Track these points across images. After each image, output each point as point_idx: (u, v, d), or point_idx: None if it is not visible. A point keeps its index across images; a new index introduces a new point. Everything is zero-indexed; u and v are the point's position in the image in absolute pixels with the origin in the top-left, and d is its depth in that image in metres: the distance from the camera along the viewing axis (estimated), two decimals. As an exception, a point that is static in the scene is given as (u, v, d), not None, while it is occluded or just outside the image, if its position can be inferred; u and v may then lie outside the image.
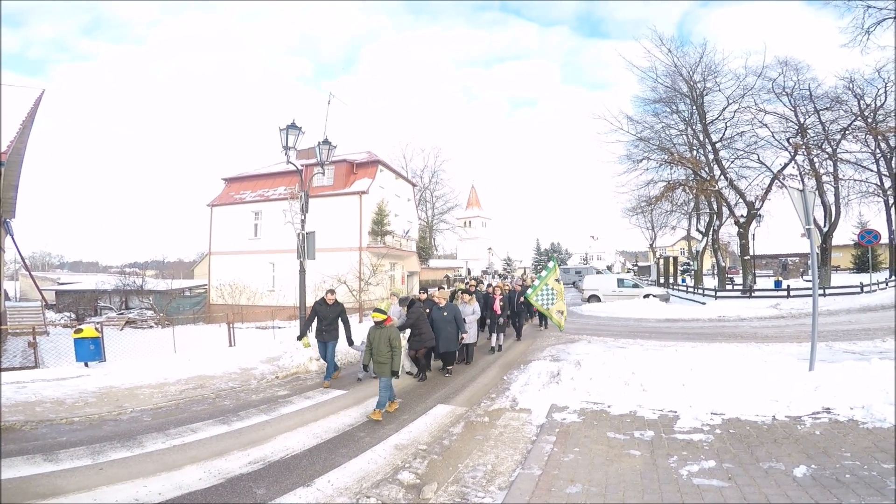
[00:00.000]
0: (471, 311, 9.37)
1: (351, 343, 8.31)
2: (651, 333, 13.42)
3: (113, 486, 3.98)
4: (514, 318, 12.76)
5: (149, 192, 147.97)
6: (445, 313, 8.46)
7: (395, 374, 5.97)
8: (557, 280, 12.66)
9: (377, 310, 6.29)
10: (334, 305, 8.32)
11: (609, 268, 63.23)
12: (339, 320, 8.27)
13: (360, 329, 9.16)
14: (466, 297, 9.63)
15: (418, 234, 36.63)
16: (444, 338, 8.37)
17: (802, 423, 4.80)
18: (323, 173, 13.28)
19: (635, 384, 6.29)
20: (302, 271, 10.91)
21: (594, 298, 24.60)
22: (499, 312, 10.75)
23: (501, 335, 11.01)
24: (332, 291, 8.56)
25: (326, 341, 8.20)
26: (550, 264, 13.02)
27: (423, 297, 9.72)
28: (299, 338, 8.64)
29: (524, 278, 22.46)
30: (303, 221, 10.99)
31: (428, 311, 8.73)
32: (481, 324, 10.69)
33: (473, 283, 13.96)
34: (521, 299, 12.66)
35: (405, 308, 8.55)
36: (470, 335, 9.22)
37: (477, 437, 5.22)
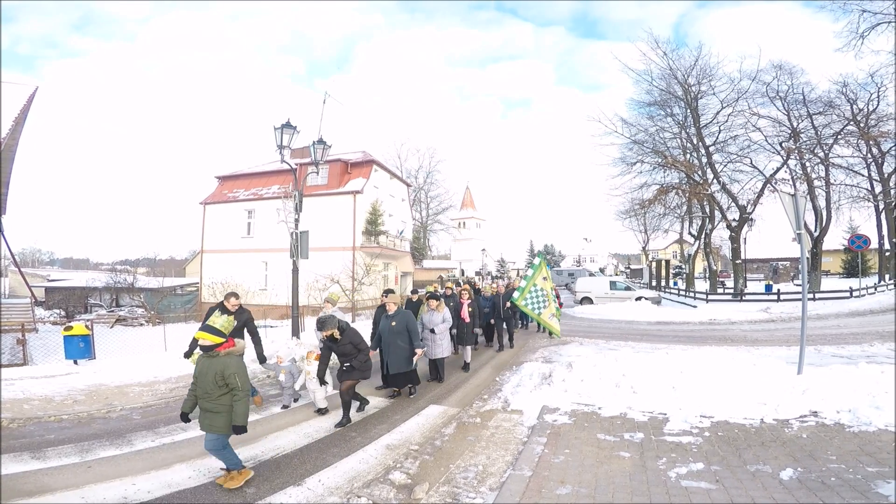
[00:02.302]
0: (440, 319, 7.80)
1: (262, 360, 6.78)
2: (642, 336, 13.50)
3: (101, 484, 3.96)
4: (502, 325, 11.42)
5: (141, 189, 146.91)
6: (394, 323, 6.77)
7: (238, 430, 3.90)
8: (545, 279, 11.42)
9: (206, 328, 3.99)
10: (238, 312, 6.47)
11: (602, 270, 63.51)
12: (246, 332, 6.55)
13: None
14: (433, 303, 7.92)
15: (412, 234, 36.64)
16: (392, 355, 6.72)
17: (790, 426, 4.85)
18: (317, 172, 13.27)
19: (626, 386, 6.33)
20: (295, 270, 10.91)
21: (586, 300, 24.73)
22: (467, 321, 9.18)
23: (469, 349, 9.33)
24: (234, 295, 6.60)
25: None
26: (536, 261, 11.51)
27: (415, 298, 9.08)
28: (186, 355, 6.56)
29: (512, 281, 20.53)
30: (296, 220, 10.99)
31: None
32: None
33: (450, 285, 11.99)
34: (508, 304, 11.16)
35: (331, 332, 5.76)
36: (442, 348, 7.80)
37: (468, 437, 5.24)
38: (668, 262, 41.91)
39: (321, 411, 6.16)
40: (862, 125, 22.11)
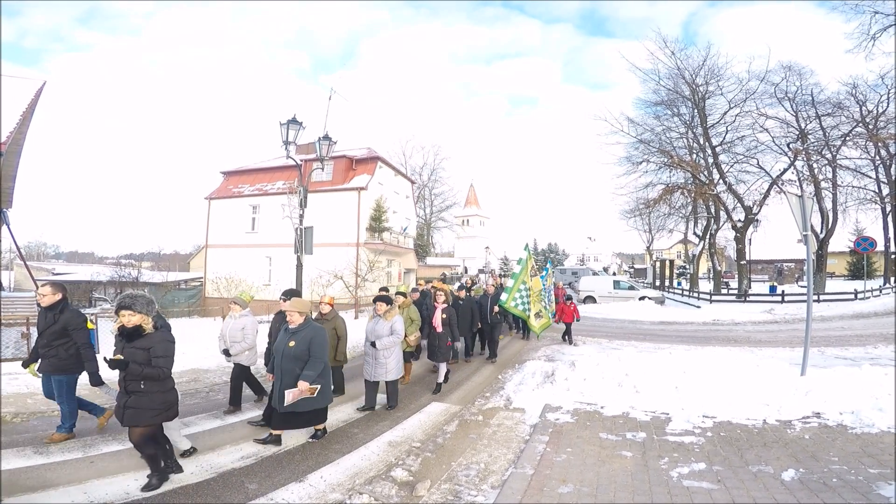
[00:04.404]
0: (387, 330, 6.05)
1: (97, 382, 4.73)
2: (645, 335, 13.48)
3: (104, 479, 3.98)
4: (488, 333, 9.73)
5: (146, 183, 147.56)
6: (293, 343, 4.71)
7: None
8: (535, 275, 10.16)
9: None
10: (54, 310, 4.83)
11: (605, 269, 63.30)
12: (74, 341, 4.82)
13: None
14: (381, 307, 6.19)
15: (416, 231, 36.64)
16: (285, 387, 4.59)
17: (792, 427, 4.83)
18: (322, 169, 13.29)
19: (628, 386, 6.32)
20: (299, 266, 10.93)
21: (590, 299, 24.70)
22: (440, 329, 7.48)
23: (445, 365, 7.52)
24: (46, 284, 5.02)
25: (48, 373, 4.86)
26: (524, 255, 9.87)
27: (412, 297, 8.28)
28: (25, 364, 5.15)
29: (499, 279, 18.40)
30: (301, 216, 11.01)
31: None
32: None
33: (439, 282, 10.01)
34: (496, 309, 9.57)
35: (129, 321, 3.82)
36: (387, 369, 6.06)
37: (471, 435, 5.24)
38: (672, 262, 41.83)
39: (185, 453, 4.51)
40: (871, 127, 21.96)
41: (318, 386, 4.64)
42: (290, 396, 4.45)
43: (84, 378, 4.93)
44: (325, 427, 5.15)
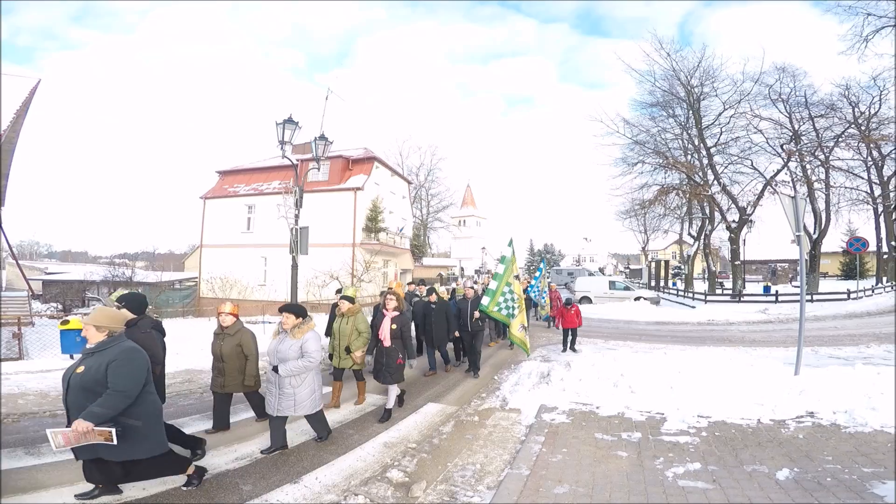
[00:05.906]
0: (295, 350, 4.51)
1: None
2: (641, 336, 13.51)
3: (98, 479, 3.94)
4: (470, 340, 8.52)
5: (140, 182, 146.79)
6: (82, 368, 3.27)
7: None
8: (517, 276, 9.05)
9: None
10: None
11: (601, 270, 63.51)
12: None
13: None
14: (288, 319, 4.62)
15: (413, 231, 36.61)
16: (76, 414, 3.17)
17: (786, 427, 4.85)
18: (318, 168, 13.21)
19: (624, 386, 6.33)
20: (294, 266, 10.88)
21: (585, 300, 24.74)
22: (387, 343, 5.94)
23: (395, 387, 6.02)
24: None
25: None
26: (508, 252, 8.83)
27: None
28: None
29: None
30: (297, 216, 10.96)
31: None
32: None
33: (396, 284, 8.97)
34: (476, 314, 8.37)
35: None
36: (295, 401, 4.52)
37: (466, 436, 5.23)
38: (667, 262, 42.04)
39: None
40: (863, 128, 22.13)
41: (111, 429, 3.11)
42: (60, 438, 3.06)
43: None
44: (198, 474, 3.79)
